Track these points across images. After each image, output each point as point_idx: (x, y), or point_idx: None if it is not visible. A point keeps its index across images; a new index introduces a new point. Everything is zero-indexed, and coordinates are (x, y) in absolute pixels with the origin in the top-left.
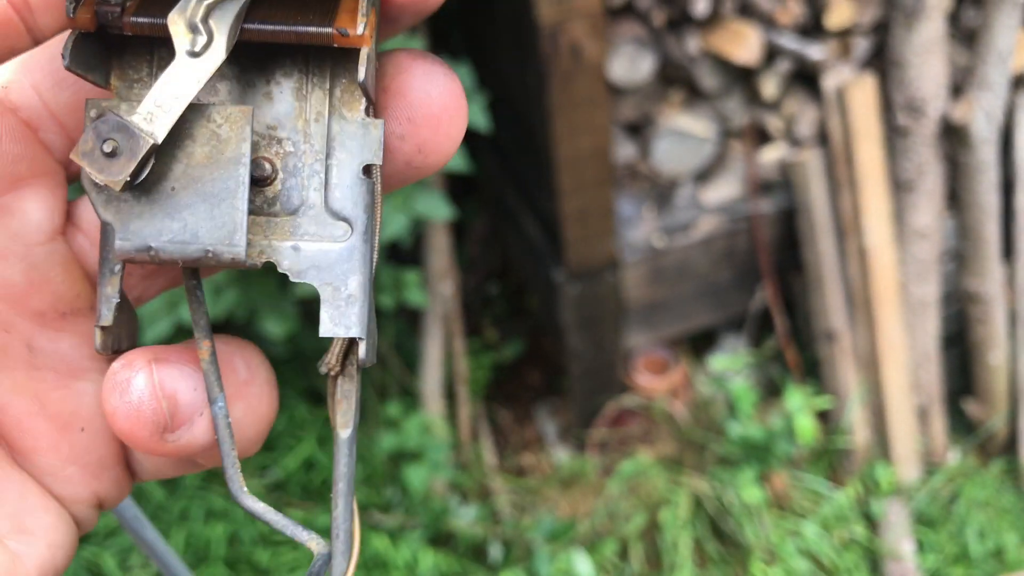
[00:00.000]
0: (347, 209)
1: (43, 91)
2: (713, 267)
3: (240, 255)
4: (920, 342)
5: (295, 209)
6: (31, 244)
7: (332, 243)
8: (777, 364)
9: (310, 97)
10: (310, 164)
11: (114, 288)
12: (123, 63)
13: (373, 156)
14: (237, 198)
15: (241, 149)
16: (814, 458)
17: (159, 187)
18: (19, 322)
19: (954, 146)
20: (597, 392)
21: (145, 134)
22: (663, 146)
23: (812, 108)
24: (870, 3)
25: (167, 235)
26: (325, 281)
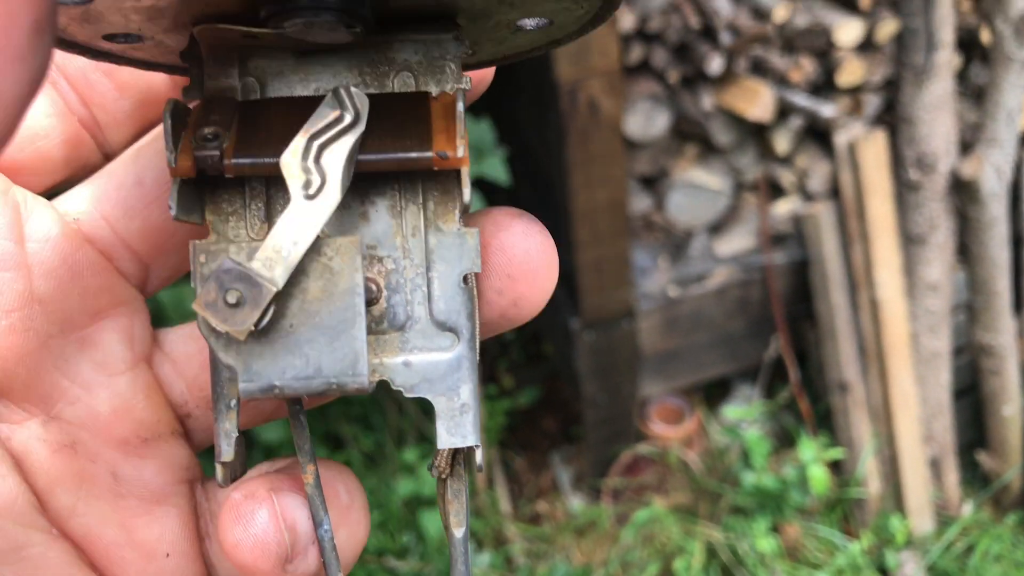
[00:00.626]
0: (452, 319)
1: (114, 221)
2: (727, 317)
3: (364, 384)
4: (932, 394)
5: (402, 325)
6: (114, 374)
7: (440, 353)
8: (790, 414)
9: (405, 213)
10: (411, 279)
11: (232, 423)
12: (216, 196)
13: (472, 264)
14: (355, 327)
15: (354, 279)
16: (827, 509)
17: (278, 326)
18: (104, 451)
19: (964, 201)
20: (612, 440)
21: (267, 282)
22: (678, 199)
23: (824, 163)
24: (880, 62)
25: (290, 372)
26: (438, 393)
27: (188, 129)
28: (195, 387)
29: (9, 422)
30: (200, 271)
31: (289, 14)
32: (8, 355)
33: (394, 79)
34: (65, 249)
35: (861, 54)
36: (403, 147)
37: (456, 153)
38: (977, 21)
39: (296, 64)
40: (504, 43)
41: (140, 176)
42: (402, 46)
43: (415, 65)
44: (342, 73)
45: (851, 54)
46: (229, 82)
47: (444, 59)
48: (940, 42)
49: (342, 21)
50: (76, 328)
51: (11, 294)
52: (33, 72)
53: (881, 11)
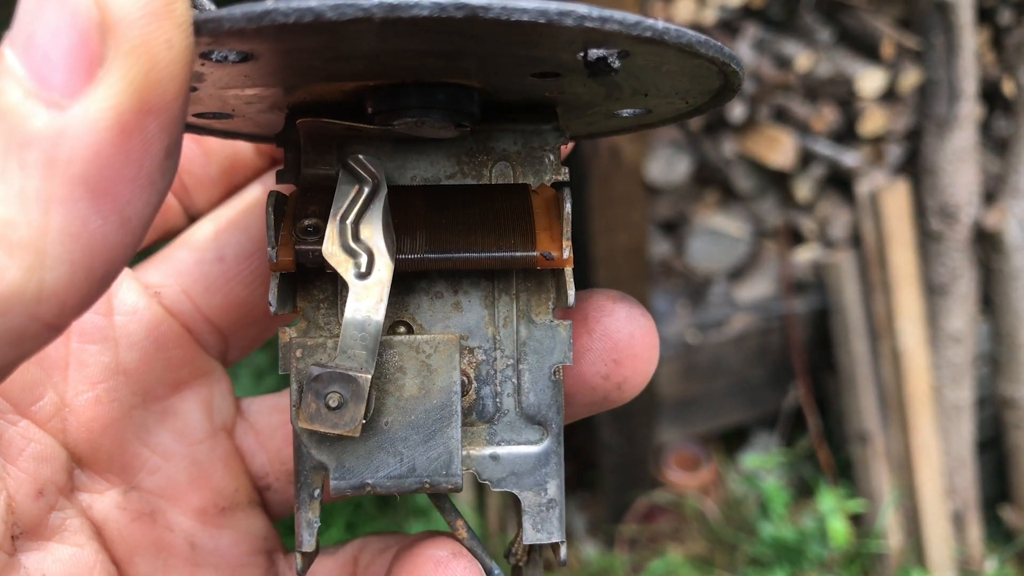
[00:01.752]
0: (541, 412)
1: (195, 296)
2: (746, 364)
3: (458, 484)
4: (955, 446)
5: (491, 417)
6: (193, 443)
7: (528, 447)
8: (809, 464)
9: (498, 304)
10: (502, 370)
11: (315, 514)
12: (308, 284)
13: (563, 357)
14: (451, 427)
15: (451, 377)
16: (847, 562)
17: (373, 422)
18: (182, 520)
19: (987, 252)
20: (628, 487)
21: (359, 374)
22: (698, 244)
23: (845, 211)
24: (903, 111)
25: (384, 471)
26: (525, 488)
27: (286, 220)
28: (277, 460)
29: (91, 492)
30: (296, 366)
31: (399, 113)
32: (93, 426)
33: (492, 169)
34: (150, 322)
35: (883, 104)
36: (507, 246)
37: (561, 254)
38: (1000, 72)
39: (393, 151)
40: (596, 126)
41: (221, 252)
42: (501, 135)
43: (513, 155)
44: (440, 162)
45: (873, 104)
46: (327, 170)
47: (543, 149)
48: (963, 93)
49: (451, 119)
50: (158, 399)
51: (98, 366)
52: (160, 194)
53: (904, 61)
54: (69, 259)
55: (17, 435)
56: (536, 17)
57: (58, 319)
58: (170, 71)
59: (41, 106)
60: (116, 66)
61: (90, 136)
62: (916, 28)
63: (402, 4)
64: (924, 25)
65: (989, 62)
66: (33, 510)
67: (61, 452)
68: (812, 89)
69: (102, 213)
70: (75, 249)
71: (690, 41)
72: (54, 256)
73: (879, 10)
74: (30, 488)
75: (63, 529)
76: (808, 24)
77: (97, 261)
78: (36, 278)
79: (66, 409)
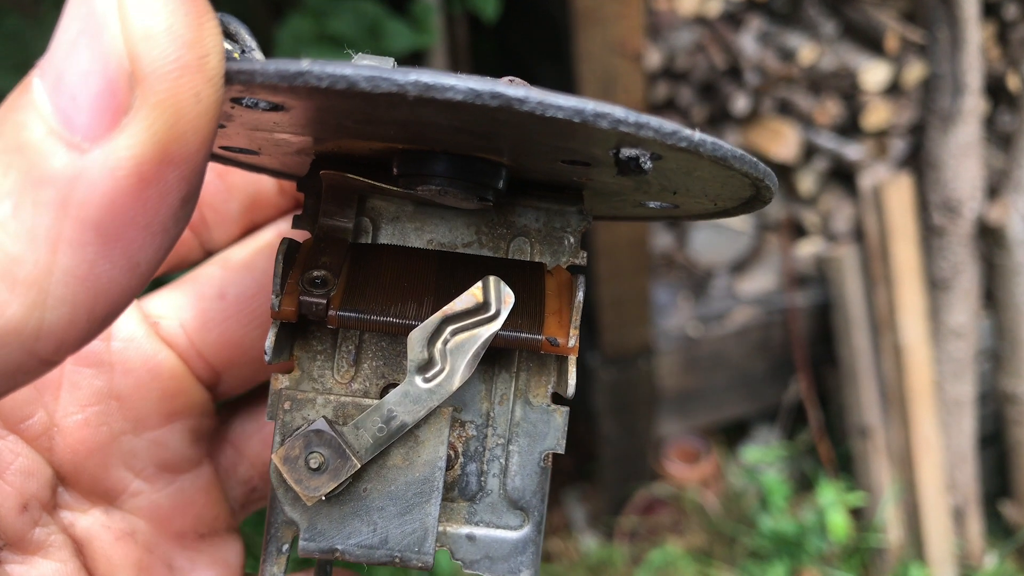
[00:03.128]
0: (525, 498)
1: (191, 331)
2: (747, 358)
3: (428, 563)
4: (955, 441)
5: (473, 495)
6: (179, 472)
7: (507, 532)
8: (810, 458)
9: (496, 380)
10: (491, 448)
11: (280, 568)
12: (308, 334)
13: (556, 444)
14: (430, 503)
15: (438, 452)
16: (846, 555)
17: (351, 488)
18: (162, 543)
19: (990, 247)
20: (627, 479)
21: (355, 457)
22: (700, 237)
23: (848, 205)
24: (906, 105)
25: (355, 538)
26: (497, 573)
27: (296, 269)
28: (257, 463)
29: (73, 510)
30: (282, 417)
31: (424, 179)
32: (80, 448)
33: (510, 242)
34: (147, 351)
35: (887, 97)
36: (514, 325)
37: (567, 343)
38: (1005, 67)
39: (414, 212)
40: (621, 211)
41: (223, 290)
42: (524, 211)
43: (534, 232)
44: (459, 229)
45: (877, 97)
46: (344, 223)
47: (564, 231)
48: (967, 87)
49: (475, 192)
50: (149, 428)
51: (90, 390)
52: (173, 240)
53: (908, 55)
54: (72, 300)
55: (5, 449)
56: (571, 116)
57: (54, 356)
58: (195, 124)
59: (62, 146)
60: (141, 116)
61: (107, 182)
62: (921, 21)
63: (437, 85)
64: (929, 19)
65: (994, 57)
66: (17, 524)
67: (46, 469)
68: (816, 82)
69: (110, 258)
70: (79, 291)
71: (725, 155)
72: (56, 296)
73: (884, 3)
74: (15, 502)
75: (47, 545)
76: (812, 17)
77: (100, 303)
78: (37, 316)
79: (54, 428)
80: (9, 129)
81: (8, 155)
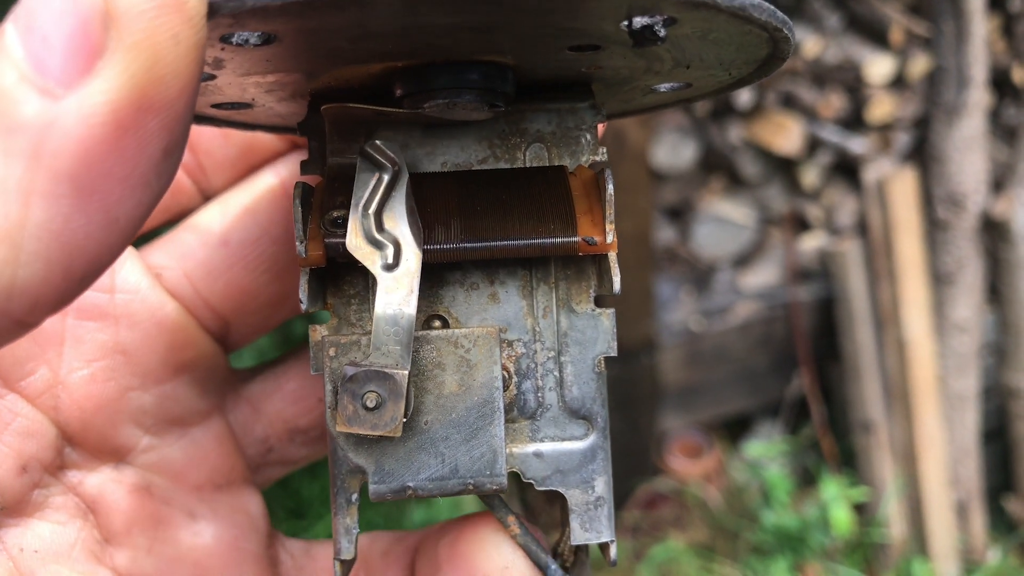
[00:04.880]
0: (585, 406)
1: (196, 280)
2: (750, 352)
3: (503, 484)
4: (959, 436)
5: (532, 412)
6: (190, 425)
7: (573, 443)
8: (813, 453)
9: (536, 294)
10: (543, 363)
11: (353, 519)
12: (339, 279)
13: (608, 347)
14: (494, 424)
15: (492, 372)
16: (849, 550)
17: (412, 422)
18: (179, 495)
19: (994, 241)
20: (630, 474)
21: (395, 371)
22: (703, 231)
23: (852, 199)
24: (911, 99)
25: (425, 472)
26: (571, 486)
27: (313, 212)
28: (277, 421)
29: (81, 469)
30: (330, 365)
31: (429, 95)
32: (86, 404)
33: (526, 151)
34: (153, 304)
35: (892, 90)
36: (546, 231)
37: (605, 239)
38: (1010, 60)
39: (423, 137)
40: (632, 103)
41: (226, 236)
42: (535, 116)
43: (548, 136)
44: (471, 146)
45: (881, 90)
46: (353, 159)
47: (579, 129)
48: (972, 80)
49: (484, 100)
50: (157, 382)
51: (94, 344)
52: (155, 194)
53: (913, 48)
54: (46, 256)
55: (3, 408)
56: None
57: (28, 316)
58: (175, 67)
59: (34, 92)
60: (116, 59)
61: (81, 130)
62: (926, 14)
63: None
64: (934, 11)
65: (999, 50)
66: (15, 486)
67: (50, 428)
68: (820, 75)
69: (87, 212)
70: (53, 247)
71: (743, 4)
72: (30, 251)
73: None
74: (12, 463)
75: (45, 506)
76: (816, 10)
77: (77, 261)
78: (8, 273)
79: (59, 386)
80: None
81: None
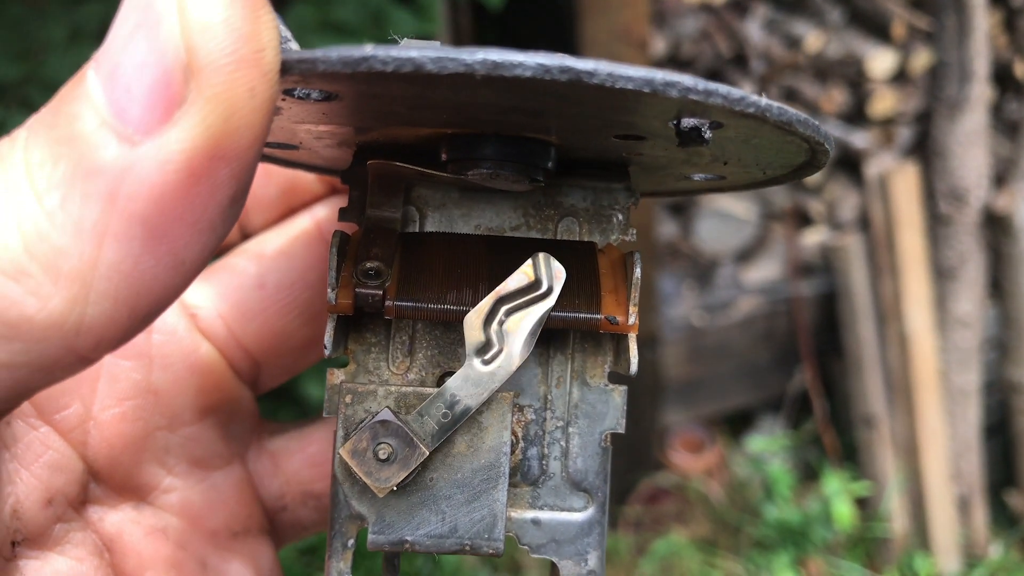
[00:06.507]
0: (588, 479)
1: (231, 321)
2: (752, 347)
3: (499, 549)
4: (961, 431)
5: (535, 479)
6: (212, 468)
7: (571, 514)
8: (815, 448)
9: (552, 362)
10: (551, 432)
11: (347, 564)
12: (361, 327)
13: (616, 424)
14: (497, 489)
15: (502, 437)
16: (851, 545)
17: (418, 477)
18: (194, 540)
19: (996, 235)
20: (632, 469)
21: (422, 443)
22: (705, 226)
23: (854, 194)
24: (913, 93)
25: (424, 528)
26: (565, 556)
27: (348, 261)
28: (294, 481)
29: (103, 505)
30: (344, 411)
31: (475, 163)
32: (115, 442)
33: (558, 223)
34: (187, 345)
35: (893, 85)
36: (571, 306)
37: (627, 320)
38: (1012, 55)
39: (460, 199)
40: (664, 186)
41: (262, 279)
42: (571, 191)
43: (582, 211)
44: (506, 213)
45: (883, 85)
46: (392, 214)
47: (612, 208)
48: (974, 74)
49: (526, 174)
50: (184, 424)
51: (129, 383)
52: (219, 239)
53: (915, 42)
54: (114, 296)
55: (36, 440)
56: (641, 86)
57: (92, 352)
58: (249, 120)
59: (114, 138)
60: (195, 110)
61: (157, 176)
62: (928, 9)
63: (505, 63)
64: (936, 6)
65: (1001, 44)
66: (39, 518)
67: (78, 464)
68: (822, 70)
69: (156, 254)
70: (122, 287)
71: (790, 120)
72: (99, 291)
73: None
74: (40, 496)
75: (66, 541)
76: (819, 4)
77: (143, 300)
78: (78, 311)
79: (91, 422)
80: (62, 120)
81: (60, 146)
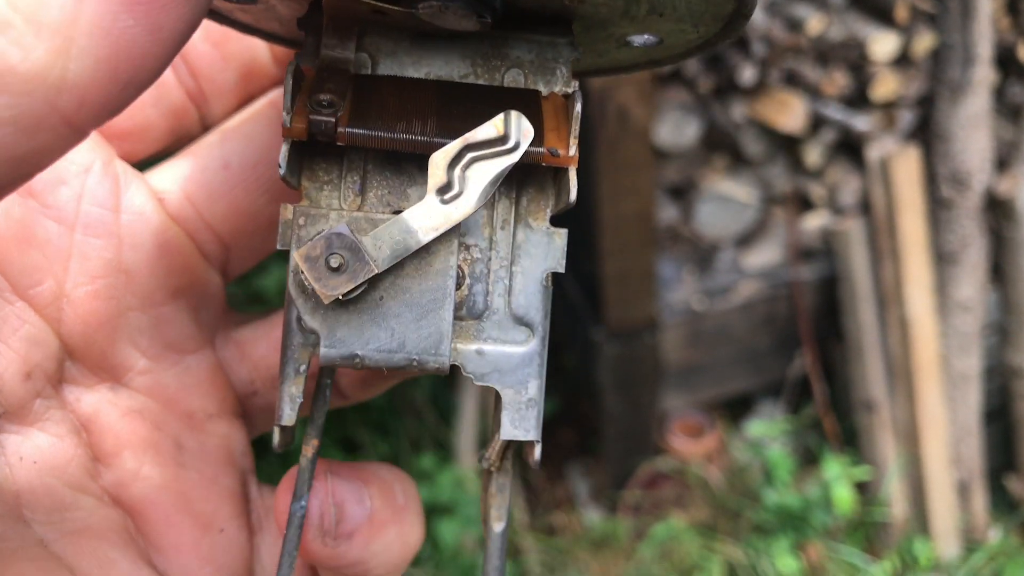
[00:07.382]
0: (529, 314)
1: (198, 203)
2: (752, 332)
3: (445, 365)
4: (961, 415)
5: (480, 314)
6: (185, 351)
7: (514, 346)
8: (815, 432)
9: (497, 205)
10: (495, 270)
11: (298, 389)
12: (314, 164)
13: (557, 264)
14: (444, 308)
15: (448, 261)
16: (851, 529)
17: (368, 296)
18: (170, 421)
19: (998, 220)
20: (631, 454)
21: (373, 262)
22: (706, 210)
23: (855, 177)
24: (915, 76)
25: (374, 344)
26: (507, 385)
27: (303, 93)
28: (262, 366)
29: (79, 384)
30: (298, 232)
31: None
32: (89, 320)
33: (504, 74)
34: (156, 226)
35: (896, 68)
36: None
37: (568, 152)
38: (1015, 38)
39: (411, 46)
40: (605, 56)
41: (227, 159)
42: (517, 43)
43: (527, 63)
44: (454, 62)
45: (886, 68)
46: (345, 54)
47: (556, 62)
48: (977, 58)
49: (474, 9)
50: (155, 304)
51: (100, 261)
52: (194, 14)
53: (918, 25)
54: (95, 53)
55: (12, 314)
56: None
57: (76, 115)
58: None
59: None
60: None
61: None
62: None
63: None
64: None
65: (1004, 27)
66: (19, 391)
67: (54, 340)
68: (824, 52)
69: (133, 14)
70: (102, 45)
71: None
72: (81, 47)
73: None
74: (19, 368)
75: (45, 418)
76: None
77: (123, 63)
78: (60, 64)
79: (64, 299)
80: None
81: None
